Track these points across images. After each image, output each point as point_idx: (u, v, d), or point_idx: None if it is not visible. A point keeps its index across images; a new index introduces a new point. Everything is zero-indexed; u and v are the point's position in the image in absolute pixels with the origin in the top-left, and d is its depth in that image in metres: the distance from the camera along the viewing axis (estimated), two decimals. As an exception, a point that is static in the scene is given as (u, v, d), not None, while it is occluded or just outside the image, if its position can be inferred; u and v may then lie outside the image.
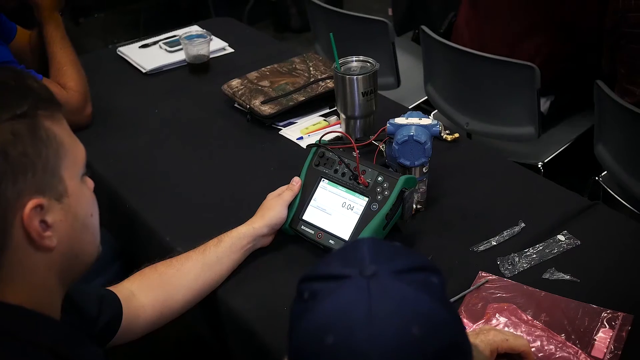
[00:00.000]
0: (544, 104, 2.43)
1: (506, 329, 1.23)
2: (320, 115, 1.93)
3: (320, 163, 1.48)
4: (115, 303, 1.21)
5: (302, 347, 0.73)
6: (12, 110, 0.86)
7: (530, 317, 1.25)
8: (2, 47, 1.83)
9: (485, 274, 1.36)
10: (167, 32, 2.44)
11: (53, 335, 0.91)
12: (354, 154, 1.43)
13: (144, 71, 2.25)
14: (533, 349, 1.19)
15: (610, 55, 2.23)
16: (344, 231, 1.40)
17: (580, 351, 1.18)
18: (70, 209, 0.92)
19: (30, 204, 0.86)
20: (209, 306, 1.42)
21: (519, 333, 1.21)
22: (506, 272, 1.37)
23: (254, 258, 1.42)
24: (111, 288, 1.25)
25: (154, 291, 1.28)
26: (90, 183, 1.00)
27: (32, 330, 0.89)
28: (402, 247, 0.81)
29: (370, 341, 0.69)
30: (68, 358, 0.91)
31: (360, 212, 1.40)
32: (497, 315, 1.26)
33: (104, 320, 1.17)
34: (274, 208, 1.42)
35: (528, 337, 1.21)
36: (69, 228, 0.91)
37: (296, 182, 1.47)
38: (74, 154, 0.94)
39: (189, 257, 1.35)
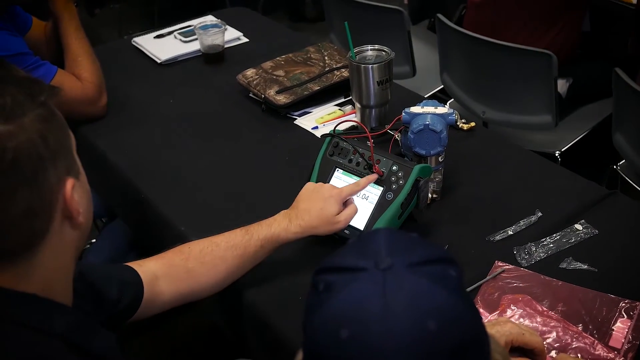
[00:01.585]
0: (563, 86, 2.41)
1: (521, 319, 1.22)
2: (335, 105, 1.92)
3: (334, 153, 1.48)
4: (137, 287, 1.22)
5: (317, 341, 0.72)
6: (37, 98, 0.88)
7: (545, 308, 1.24)
8: (17, 39, 1.84)
9: (501, 264, 1.35)
10: (181, 22, 2.44)
11: (65, 323, 0.92)
12: (369, 143, 1.43)
13: (158, 61, 2.25)
14: (549, 340, 1.18)
15: (637, 35, 2.20)
16: (359, 221, 1.40)
17: (596, 341, 1.17)
18: (84, 186, 0.96)
19: (69, 184, 0.90)
20: (224, 296, 1.42)
21: (534, 324, 1.21)
22: (523, 261, 1.36)
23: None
24: (136, 265, 1.25)
25: (178, 284, 1.28)
26: None
27: (44, 319, 0.90)
28: (419, 239, 0.79)
29: (385, 336, 0.68)
30: (79, 345, 0.92)
31: (375, 202, 1.40)
32: (511, 305, 1.25)
33: (124, 303, 1.19)
34: (334, 223, 1.33)
35: (544, 328, 1.20)
36: (87, 203, 0.96)
37: (370, 178, 1.39)
38: (72, 135, 0.97)
39: (224, 259, 1.30)
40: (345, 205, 1.36)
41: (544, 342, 1.15)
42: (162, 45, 2.32)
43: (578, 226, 1.42)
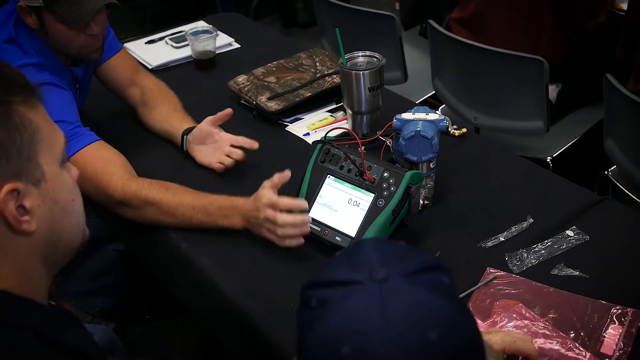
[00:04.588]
0: (552, 92, 2.41)
1: (511, 323, 1.22)
2: (327, 111, 1.92)
3: (325, 159, 1.47)
4: None
5: (316, 358, 0.70)
6: None
7: (536, 315, 1.24)
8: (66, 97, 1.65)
9: (493, 270, 1.35)
10: (173, 28, 2.44)
11: (37, 318, 0.91)
12: (360, 150, 1.42)
13: (150, 67, 2.24)
14: (538, 347, 1.18)
15: (627, 41, 2.20)
16: (351, 228, 1.40)
17: (586, 351, 1.17)
18: (48, 194, 0.92)
19: (5, 189, 0.87)
20: (215, 304, 1.41)
21: (525, 331, 1.20)
22: (514, 268, 1.36)
23: (259, 255, 1.42)
24: None
25: None
26: (74, 171, 1.00)
27: (15, 313, 0.89)
28: (408, 247, 0.78)
29: (387, 350, 0.67)
30: (53, 339, 0.90)
31: (366, 209, 1.39)
32: (502, 313, 1.24)
33: None
34: None
35: (534, 337, 1.20)
36: (48, 212, 0.92)
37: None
38: (51, 140, 0.94)
39: None
40: None
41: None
42: (153, 51, 2.32)
43: (569, 232, 1.42)
